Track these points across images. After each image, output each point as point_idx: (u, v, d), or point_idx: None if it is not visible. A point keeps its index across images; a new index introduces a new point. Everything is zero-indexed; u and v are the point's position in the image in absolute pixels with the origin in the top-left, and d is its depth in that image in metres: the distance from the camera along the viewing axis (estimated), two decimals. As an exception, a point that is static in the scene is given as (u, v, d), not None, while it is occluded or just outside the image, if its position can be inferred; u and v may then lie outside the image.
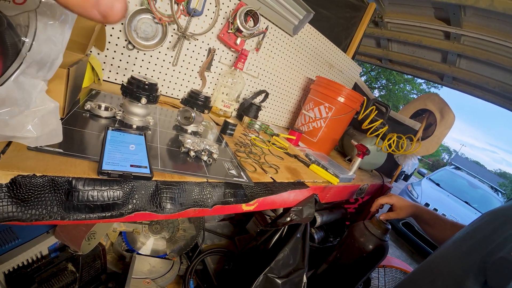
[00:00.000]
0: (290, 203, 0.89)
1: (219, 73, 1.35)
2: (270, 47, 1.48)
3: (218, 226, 1.44)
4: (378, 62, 3.20)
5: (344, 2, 1.89)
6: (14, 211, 0.41)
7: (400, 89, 14.33)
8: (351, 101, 1.40)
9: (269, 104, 1.68)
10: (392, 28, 2.55)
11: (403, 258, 4.05)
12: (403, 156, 1.66)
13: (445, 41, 2.31)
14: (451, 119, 1.78)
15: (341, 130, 1.51)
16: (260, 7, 1.25)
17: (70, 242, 0.92)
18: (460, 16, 1.93)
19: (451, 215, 4.32)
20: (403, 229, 4.40)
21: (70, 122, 0.62)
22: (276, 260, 0.89)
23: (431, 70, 2.73)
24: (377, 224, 1.06)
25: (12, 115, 0.48)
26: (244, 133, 1.13)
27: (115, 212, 0.49)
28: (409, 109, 1.96)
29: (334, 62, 1.89)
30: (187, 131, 0.87)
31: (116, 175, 0.48)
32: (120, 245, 1.14)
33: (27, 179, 0.42)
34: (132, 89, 0.69)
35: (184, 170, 0.61)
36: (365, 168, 1.62)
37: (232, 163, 0.77)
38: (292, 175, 0.91)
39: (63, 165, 0.47)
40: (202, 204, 0.59)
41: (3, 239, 0.85)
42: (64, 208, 0.45)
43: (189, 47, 1.20)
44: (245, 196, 0.68)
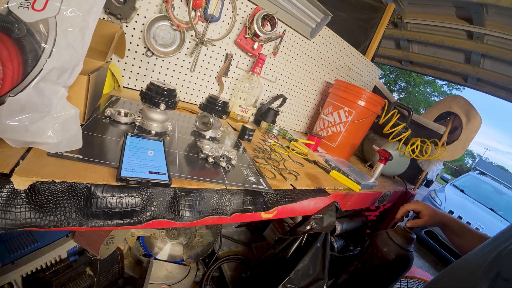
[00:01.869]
0: (310, 210, 0.86)
1: (237, 78, 1.35)
2: (287, 51, 1.46)
3: (235, 232, 1.42)
4: (398, 64, 3.12)
5: (362, 4, 1.85)
6: (32, 217, 0.41)
7: (421, 92, 13.93)
8: (372, 104, 1.36)
9: (287, 108, 1.65)
10: (412, 29, 2.48)
11: (426, 268, 3.88)
12: (427, 161, 1.59)
13: (468, 40, 2.22)
14: (477, 123, 1.69)
15: (361, 135, 1.47)
16: (278, 11, 1.24)
17: (89, 246, 0.93)
18: (482, 15, 1.85)
19: (476, 223, 4.11)
20: (426, 238, 4.21)
21: (90, 128, 0.63)
22: (296, 270, 0.86)
23: (454, 71, 2.63)
24: (401, 233, 1.01)
25: (32, 121, 0.49)
26: (262, 139, 1.12)
27: (133, 220, 0.48)
28: (432, 112, 1.89)
29: (353, 65, 1.85)
30: (205, 136, 0.87)
31: (134, 182, 0.47)
32: (138, 249, 1.15)
33: (46, 185, 0.42)
34: (151, 95, 0.68)
35: (202, 176, 0.60)
36: (387, 174, 1.56)
37: (251, 170, 0.75)
38: (312, 182, 0.88)
39: (83, 171, 0.47)
40: (221, 212, 0.57)
41: (22, 242, 0.87)
42: (82, 214, 0.45)
43: (206, 53, 1.20)
44: (265, 204, 0.65)
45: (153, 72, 1.12)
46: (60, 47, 0.53)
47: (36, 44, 0.51)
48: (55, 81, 0.55)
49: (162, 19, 1.04)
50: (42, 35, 0.52)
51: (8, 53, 0.49)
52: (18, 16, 0.49)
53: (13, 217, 0.39)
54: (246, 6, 1.20)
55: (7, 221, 0.39)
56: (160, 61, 1.12)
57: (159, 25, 1.05)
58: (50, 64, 0.53)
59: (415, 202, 1.11)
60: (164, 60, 1.12)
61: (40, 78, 0.53)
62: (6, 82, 0.49)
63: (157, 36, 1.06)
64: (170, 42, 1.09)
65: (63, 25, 0.53)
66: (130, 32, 1.02)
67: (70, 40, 0.55)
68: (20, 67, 0.51)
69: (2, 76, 0.48)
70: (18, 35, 0.49)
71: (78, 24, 0.56)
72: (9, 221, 0.39)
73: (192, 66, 1.19)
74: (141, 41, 1.05)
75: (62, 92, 0.55)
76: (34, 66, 0.52)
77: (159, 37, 1.06)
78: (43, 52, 0.52)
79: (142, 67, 1.09)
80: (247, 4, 1.20)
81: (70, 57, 0.55)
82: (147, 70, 1.10)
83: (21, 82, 0.51)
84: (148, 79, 1.12)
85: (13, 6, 0.48)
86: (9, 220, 0.39)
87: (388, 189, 1.29)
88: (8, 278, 0.80)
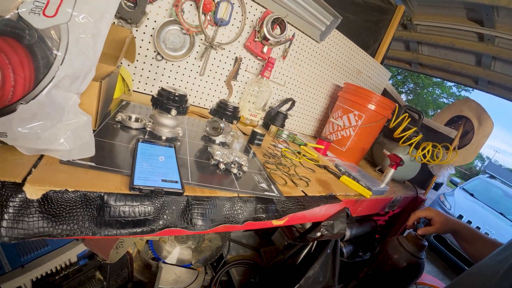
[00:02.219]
0: (321, 217, 0.84)
1: (246, 82, 1.34)
2: (296, 54, 1.45)
3: (243, 236, 1.42)
4: (407, 66, 3.08)
5: (372, 6, 1.83)
6: (44, 226, 0.40)
7: (429, 93, 13.78)
8: (382, 108, 1.34)
9: (296, 112, 1.64)
10: (422, 31, 2.45)
11: (435, 273, 3.82)
12: (438, 166, 1.57)
13: (479, 43, 2.18)
14: (489, 127, 1.66)
15: (371, 139, 1.45)
16: (287, 14, 1.23)
17: (99, 250, 0.93)
18: (493, 17, 1.82)
19: (486, 227, 4.04)
20: (435, 242, 4.15)
21: (101, 134, 0.62)
22: (306, 277, 0.85)
23: (465, 73, 2.59)
24: (412, 240, 0.99)
25: (44, 128, 0.48)
26: (273, 144, 1.10)
27: (146, 228, 0.48)
28: (443, 115, 1.86)
29: (362, 68, 1.83)
30: (215, 141, 0.86)
31: (147, 191, 0.47)
32: (147, 253, 1.15)
33: (59, 194, 0.42)
34: (162, 101, 0.68)
35: (214, 184, 0.59)
36: (397, 179, 1.53)
37: (262, 176, 0.74)
38: (323, 188, 0.87)
39: (95, 180, 0.46)
40: (233, 220, 0.57)
41: (32, 245, 0.87)
42: (95, 223, 0.44)
43: (216, 56, 1.20)
44: (277, 211, 0.65)
45: (162, 76, 1.12)
46: (72, 54, 0.53)
47: (48, 50, 0.51)
48: (67, 88, 0.55)
49: (172, 23, 1.04)
50: (54, 42, 0.51)
51: (19, 60, 0.49)
52: (29, 22, 0.48)
53: (25, 226, 0.39)
54: (255, 9, 1.20)
55: (19, 230, 0.39)
56: (169, 65, 1.12)
57: (169, 29, 1.05)
58: (62, 71, 0.52)
59: (426, 209, 1.09)
60: (174, 64, 1.12)
61: (52, 86, 0.52)
62: (17, 89, 0.49)
63: (167, 40, 1.06)
64: (180, 46, 1.09)
65: (75, 32, 0.53)
66: (140, 37, 1.03)
67: (82, 47, 0.54)
68: (31, 74, 0.50)
69: (14, 83, 0.48)
70: (29, 42, 0.49)
71: (90, 31, 0.55)
72: (22, 231, 0.39)
73: (201, 70, 1.19)
74: (151, 45, 1.05)
75: (74, 99, 0.55)
76: (47, 73, 0.51)
77: (169, 41, 1.06)
78: (55, 59, 0.52)
79: (152, 71, 1.09)
80: (257, 7, 1.20)
81: (83, 64, 0.55)
82: (156, 74, 1.11)
83: (33, 89, 0.51)
84: (158, 83, 1.12)
85: (24, 12, 0.47)
86: (22, 230, 0.39)
87: (399, 195, 1.27)
88: (18, 282, 0.80)
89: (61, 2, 0.51)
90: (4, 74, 0.47)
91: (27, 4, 0.48)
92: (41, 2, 0.49)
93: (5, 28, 0.47)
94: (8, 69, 0.48)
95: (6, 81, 0.47)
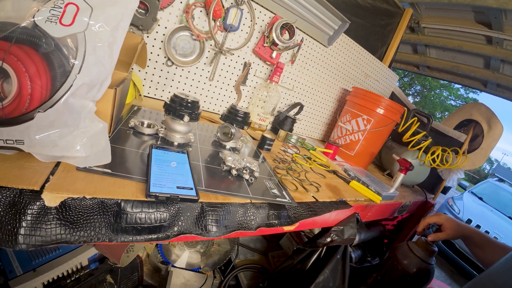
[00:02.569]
0: (331, 222, 0.84)
1: (254, 87, 1.35)
2: (304, 59, 1.45)
3: (251, 240, 1.42)
4: (415, 69, 3.06)
5: (379, 10, 1.82)
6: (62, 233, 0.41)
7: (436, 95, 13.65)
8: (391, 112, 1.33)
9: (304, 116, 1.64)
10: (430, 34, 2.44)
11: (442, 278, 3.77)
12: (448, 170, 1.55)
13: (487, 46, 2.16)
14: (499, 130, 1.64)
15: (380, 143, 1.44)
16: (296, 20, 1.23)
17: (110, 254, 0.94)
18: (501, 20, 1.80)
19: (495, 231, 3.97)
20: (443, 247, 4.10)
21: (115, 141, 0.63)
22: (316, 282, 0.85)
23: (474, 76, 2.56)
24: (422, 245, 0.98)
25: (62, 136, 0.49)
26: (283, 149, 1.11)
27: (161, 235, 0.48)
28: (453, 119, 1.84)
29: (370, 72, 1.83)
30: (226, 147, 0.87)
31: (163, 198, 0.47)
32: (156, 256, 1.15)
33: (77, 201, 0.42)
34: (175, 107, 0.69)
35: (227, 190, 0.59)
36: (406, 184, 1.52)
37: (273, 181, 0.74)
38: (334, 193, 0.87)
39: (112, 187, 0.47)
40: (246, 227, 0.57)
41: (44, 249, 0.87)
42: (112, 230, 0.45)
43: (225, 62, 1.21)
44: (289, 217, 0.65)
45: (173, 81, 1.14)
46: (89, 62, 0.54)
47: (65, 59, 0.51)
48: (84, 96, 0.56)
49: (182, 30, 1.06)
50: (71, 50, 0.52)
51: (36, 69, 0.49)
52: (46, 31, 0.49)
53: (43, 233, 0.39)
54: (264, 15, 1.21)
55: (37, 238, 0.39)
56: (179, 70, 1.13)
57: (180, 35, 1.06)
58: (80, 80, 0.53)
59: (436, 214, 1.08)
60: (184, 70, 1.13)
61: (70, 94, 0.53)
62: (34, 97, 0.49)
63: (177, 46, 1.07)
64: (190, 52, 1.11)
65: (92, 41, 0.54)
66: (151, 43, 1.04)
67: (99, 56, 0.55)
68: (48, 83, 0.51)
69: (31, 92, 0.49)
70: (46, 50, 0.49)
71: (106, 40, 0.56)
72: (39, 238, 0.39)
73: (211, 75, 1.20)
74: (161, 51, 1.06)
75: (90, 106, 0.55)
76: (64, 82, 0.52)
77: (179, 47, 1.08)
78: (72, 67, 0.52)
79: (162, 77, 1.11)
80: (265, 13, 1.21)
81: (99, 72, 0.56)
82: (167, 80, 1.12)
83: (51, 97, 0.52)
84: (168, 88, 1.14)
85: (40, 20, 0.48)
86: (39, 237, 0.39)
87: (408, 199, 1.26)
88: (29, 285, 0.80)
89: (78, 11, 0.52)
90: (21, 82, 0.48)
91: (43, 13, 0.49)
92: (57, 10, 0.50)
93: (21, 36, 0.47)
94: (25, 77, 0.48)
95: (23, 89, 0.48)
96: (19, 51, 0.48)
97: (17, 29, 0.47)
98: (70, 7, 0.51)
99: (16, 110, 0.46)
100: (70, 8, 0.51)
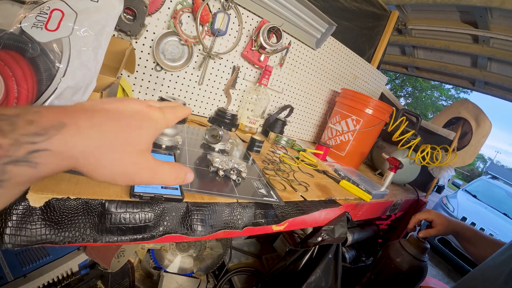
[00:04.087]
0: (321, 222, 0.85)
1: (244, 90, 1.36)
2: (293, 61, 1.47)
3: (245, 244, 1.41)
4: (404, 70, 3.11)
5: (366, 12, 1.86)
6: (47, 234, 0.41)
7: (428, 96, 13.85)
8: (379, 112, 1.35)
9: (294, 118, 1.66)
10: (417, 35, 2.48)
11: (440, 277, 3.78)
12: (438, 168, 1.57)
13: (474, 44, 2.21)
14: (487, 127, 1.67)
15: (370, 143, 1.46)
16: (283, 23, 1.25)
17: (101, 259, 0.93)
18: (487, 18, 1.85)
19: (490, 228, 4.02)
20: (440, 245, 4.12)
21: (102, 144, 0.63)
22: (308, 282, 0.85)
23: (461, 75, 2.61)
24: (414, 243, 0.99)
25: (46, 138, 0.49)
26: (272, 150, 1.12)
27: (147, 235, 0.48)
28: (441, 117, 1.87)
29: (359, 73, 1.85)
30: (215, 149, 0.87)
31: (147, 198, 0.48)
32: (148, 262, 1.15)
33: (61, 202, 0.42)
34: (161, 110, 0.69)
35: (213, 190, 0.60)
36: (397, 182, 1.54)
37: (261, 182, 0.75)
38: (323, 192, 0.88)
39: (97, 187, 0.47)
40: (233, 226, 0.57)
41: (34, 255, 0.87)
42: (97, 230, 0.45)
43: (214, 66, 1.22)
44: (276, 216, 0.65)
45: (162, 86, 1.14)
46: (74, 66, 0.55)
47: (50, 63, 0.52)
48: (69, 99, 0.57)
49: (170, 35, 1.07)
50: (56, 55, 0.53)
51: (22, 73, 0.50)
52: (32, 36, 0.50)
53: (28, 233, 0.39)
54: (251, 19, 1.23)
55: (22, 237, 0.39)
56: (169, 75, 1.14)
57: (168, 40, 1.07)
58: (64, 83, 0.54)
59: (427, 211, 1.09)
60: (173, 74, 1.14)
61: (55, 97, 0.54)
62: (20, 101, 0.50)
63: (166, 51, 1.08)
64: (179, 57, 1.12)
65: (76, 45, 0.55)
66: (140, 48, 1.05)
67: (83, 59, 0.56)
68: (34, 86, 0.52)
69: (17, 95, 0.50)
70: (32, 55, 0.50)
71: (91, 44, 0.57)
72: (25, 238, 0.39)
73: (200, 79, 1.21)
74: (150, 56, 1.07)
75: (76, 110, 0.56)
76: (49, 85, 0.53)
77: (167, 52, 1.09)
78: (57, 71, 0.53)
79: (152, 81, 1.11)
80: (253, 17, 1.22)
81: (84, 76, 0.57)
82: (156, 84, 1.12)
83: (36, 101, 0.52)
84: (158, 93, 1.14)
85: (26, 26, 0.49)
86: (25, 237, 0.39)
87: (400, 198, 1.27)
88: (20, 292, 0.80)
89: (63, 16, 0.53)
90: (8, 86, 0.49)
91: (29, 19, 0.50)
92: (43, 16, 0.51)
93: (8, 41, 0.48)
94: (12, 81, 0.49)
95: (10, 93, 0.49)
96: (6, 56, 0.48)
97: (5, 35, 0.48)
98: (56, 13, 0.52)
99: (2, 113, 0.46)
100: (55, 14, 0.52)
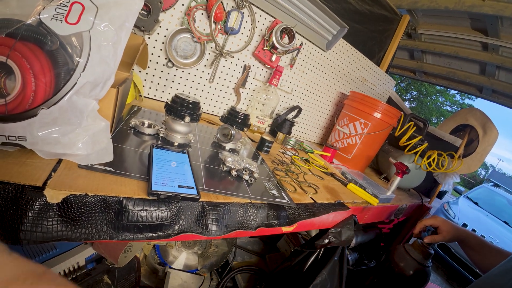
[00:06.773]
0: (329, 224, 0.85)
1: (254, 90, 1.36)
2: (303, 62, 1.47)
3: (249, 242, 1.42)
4: (411, 74, 3.10)
5: (377, 16, 1.85)
6: (63, 230, 0.41)
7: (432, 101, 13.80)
8: (388, 116, 1.35)
9: (302, 119, 1.66)
10: (426, 40, 2.47)
11: (438, 282, 3.78)
12: (443, 174, 1.57)
13: (483, 52, 2.20)
14: (494, 135, 1.66)
15: (377, 147, 1.45)
16: (296, 24, 1.25)
17: (108, 254, 0.94)
18: (497, 26, 1.84)
19: (490, 236, 4.00)
20: (439, 251, 4.11)
21: (116, 140, 0.64)
22: (314, 284, 0.85)
23: (469, 82, 2.60)
24: (419, 248, 0.99)
25: (64, 133, 0.49)
26: (282, 151, 1.12)
27: (162, 233, 0.49)
28: (448, 124, 1.87)
29: (368, 76, 1.85)
30: (225, 148, 0.87)
31: (165, 196, 0.48)
32: (153, 257, 1.15)
33: (79, 198, 0.42)
34: (176, 108, 0.70)
35: (228, 190, 0.60)
36: (402, 187, 1.54)
37: (272, 182, 0.75)
38: (332, 195, 0.88)
39: (114, 184, 0.47)
40: (246, 226, 0.58)
41: (40, 248, 0.87)
42: (113, 227, 0.45)
43: (225, 64, 1.22)
44: (288, 218, 0.65)
45: (173, 82, 1.14)
46: (94, 61, 0.54)
47: (69, 57, 0.52)
48: (87, 94, 0.56)
49: (183, 32, 1.07)
50: (75, 49, 0.52)
51: (40, 66, 0.50)
52: (51, 29, 0.49)
53: (44, 230, 0.39)
54: (264, 19, 1.22)
55: (38, 234, 0.39)
56: (180, 72, 1.14)
57: (181, 37, 1.07)
58: (84, 78, 0.53)
59: (433, 217, 1.09)
60: (184, 71, 1.14)
61: (74, 92, 0.53)
62: (38, 94, 0.50)
63: (178, 48, 1.08)
64: (191, 54, 1.12)
65: (97, 40, 0.54)
66: (152, 44, 1.05)
67: (103, 55, 0.56)
68: (52, 80, 0.51)
69: (34, 88, 0.49)
70: (50, 48, 0.49)
71: (111, 39, 0.56)
72: (41, 234, 0.39)
73: (211, 77, 1.20)
74: (162, 52, 1.07)
75: (93, 104, 0.56)
76: (68, 80, 0.52)
77: (180, 48, 1.09)
78: (77, 66, 0.53)
79: (163, 78, 1.11)
80: (266, 17, 1.22)
81: (103, 71, 0.56)
82: (167, 81, 1.13)
83: (55, 95, 0.52)
84: (168, 89, 1.14)
85: (45, 18, 0.48)
86: (41, 234, 0.39)
87: (404, 203, 1.27)
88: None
89: (83, 9, 0.52)
90: (25, 79, 0.48)
91: (49, 10, 0.49)
92: (63, 9, 0.50)
93: (26, 33, 0.47)
94: (29, 74, 0.49)
95: (27, 86, 0.49)
96: (24, 48, 0.48)
97: (22, 26, 0.48)
98: (76, 6, 0.51)
99: (19, 106, 0.46)
100: (76, 7, 0.51)
